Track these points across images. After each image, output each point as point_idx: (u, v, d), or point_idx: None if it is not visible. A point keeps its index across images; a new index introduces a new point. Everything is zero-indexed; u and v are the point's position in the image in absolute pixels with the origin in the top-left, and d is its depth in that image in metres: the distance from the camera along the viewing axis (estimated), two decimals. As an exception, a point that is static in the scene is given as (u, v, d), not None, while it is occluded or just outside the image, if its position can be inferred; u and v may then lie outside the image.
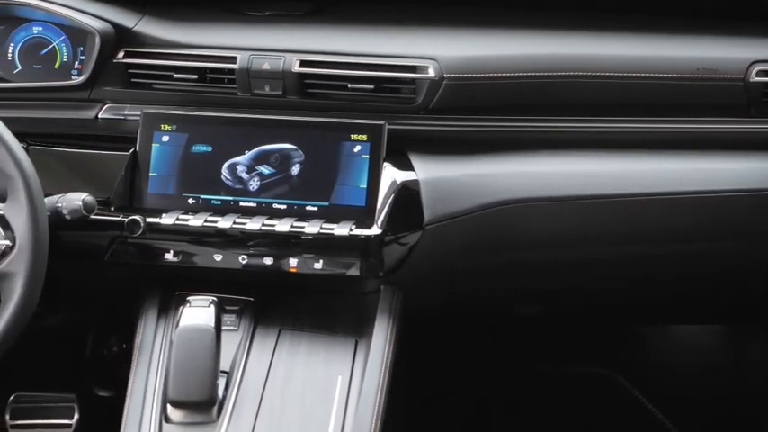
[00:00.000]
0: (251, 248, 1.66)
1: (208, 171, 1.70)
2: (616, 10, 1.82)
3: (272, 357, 1.57)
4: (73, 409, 2.21)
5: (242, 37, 1.77)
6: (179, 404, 1.46)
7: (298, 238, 1.64)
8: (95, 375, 2.33)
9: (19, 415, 2.19)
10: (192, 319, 1.48)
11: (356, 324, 1.65)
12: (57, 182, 1.67)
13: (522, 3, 1.84)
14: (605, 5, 1.83)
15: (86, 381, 2.31)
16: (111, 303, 1.86)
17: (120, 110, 1.78)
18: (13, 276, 1.45)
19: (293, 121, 1.70)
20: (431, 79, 1.67)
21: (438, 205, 1.64)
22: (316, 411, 1.48)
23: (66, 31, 1.82)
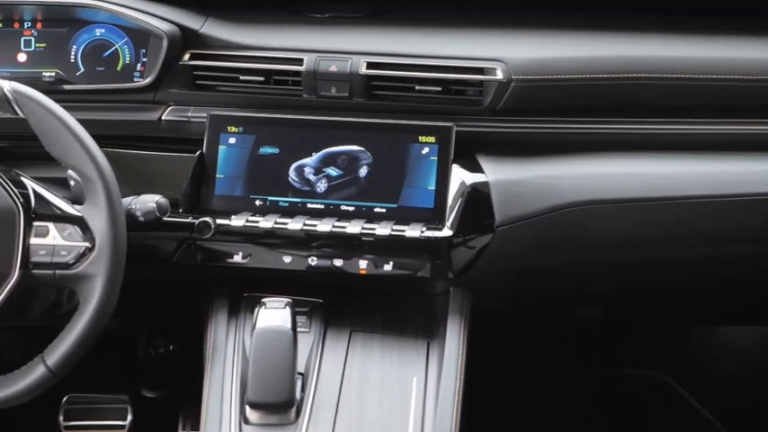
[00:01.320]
0: (320, 250, 1.67)
1: (275, 173, 1.70)
2: (682, 11, 1.82)
3: (345, 359, 1.57)
4: (126, 410, 2.22)
5: (307, 39, 1.77)
6: (258, 406, 1.46)
7: (368, 240, 1.64)
8: (143, 376, 2.34)
9: (73, 416, 2.20)
10: (269, 320, 1.49)
11: (426, 325, 1.65)
12: (121, 184, 1.67)
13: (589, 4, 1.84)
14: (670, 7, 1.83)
15: (134, 382, 2.31)
16: (176, 305, 1.86)
17: (184, 112, 1.79)
18: (92, 278, 1.45)
19: (361, 123, 1.70)
20: (499, 81, 1.67)
21: (509, 207, 1.64)
22: (394, 413, 1.48)
23: (129, 33, 1.82)
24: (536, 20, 1.80)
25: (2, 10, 1.81)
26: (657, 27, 1.77)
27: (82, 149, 1.46)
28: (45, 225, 1.47)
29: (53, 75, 1.83)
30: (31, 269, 1.46)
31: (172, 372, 2.35)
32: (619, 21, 1.80)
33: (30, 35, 1.83)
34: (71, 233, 1.46)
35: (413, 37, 1.78)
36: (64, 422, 2.20)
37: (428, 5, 1.97)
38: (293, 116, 1.72)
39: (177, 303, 1.86)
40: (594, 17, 1.81)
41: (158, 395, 2.32)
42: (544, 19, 1.80)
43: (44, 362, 1.46)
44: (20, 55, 1.83)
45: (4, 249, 1.45)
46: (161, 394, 2.32)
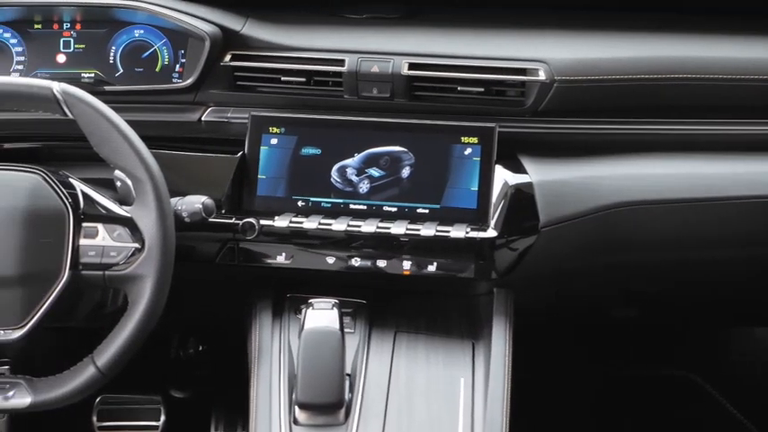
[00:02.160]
0: (363, 251, 1.67)
1: (317, 174, 1.70)
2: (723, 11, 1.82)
3: (391, 360, 1.58)
4: (159, 410, 2.22)
5: (348, 39, 1.77)
6: (308, 406, 1.46)
7: (411, 241, 1.64)
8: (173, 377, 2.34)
9: (106, 416, 2.21)
10: (317, 321, 1.49)
11: (470, 326, 1.65)
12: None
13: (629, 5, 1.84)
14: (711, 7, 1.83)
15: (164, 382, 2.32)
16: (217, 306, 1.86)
17: (224, 112, 1.79)
18: (142, 279, 1.45)
19: (403, 124, 1.70)
20: (541, 82, 1.67)
21: (553, 208, 1.64)
22: (443, 414, 1.48)
23: (168, 34, 1.82)
24: (577, 20, 1.80)
25: (41, 11, 1.82)
26: (698, 28, 1.77)
27: (131, 150, 1.46)
28: (94, 226, 1.47)
29: (92, 76, 1.83)
30: (80, 270, 1.46)
31: (201, 372, 2.35)
32: (660, 21, 1.80)
33: (69, 36, 1.84)
34: (120, 234, 1.47)
35: (453, 38, 1.78)
36: (97, 422, 2.20)
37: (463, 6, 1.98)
38: (335, 117, 1.72)
39: (218, 304, 1.86)
40: (635, 18, 1.81)
41: (187, 395, 2.32)
42: (585, 20, 1.80)
43: (94, 362, 1.46)
44: (59, 56, 1.84)
45: (54, 250, 1.45)
46: (190, 395, 2.32)
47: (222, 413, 2.26)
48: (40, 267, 1.45)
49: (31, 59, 1.83)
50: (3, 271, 1.44)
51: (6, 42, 1.83)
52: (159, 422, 2.21)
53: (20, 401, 1.46)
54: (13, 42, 1.83)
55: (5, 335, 1.45)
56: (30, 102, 1.47)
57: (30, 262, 1.44)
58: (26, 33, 1.83)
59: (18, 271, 1.44)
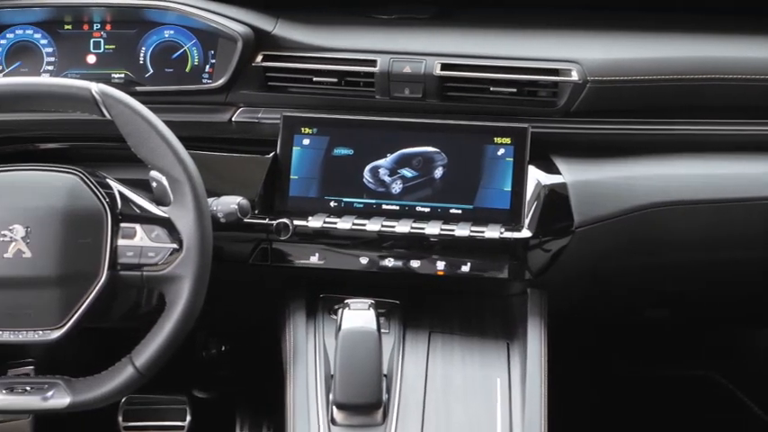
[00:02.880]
0: (396, 251, 1.67)
1: (350, 174, 1.70)
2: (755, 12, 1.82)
3: (426, 360, 1.58)
4: (185, 410, 2.22)
5: (379, 40, 1.77)
6: (346, 407, 1.46)
7: (444, 241, 1.64)
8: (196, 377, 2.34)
9: (131, 416, 2.20)
10: (354, 321, 1.49)
11: (504, 326, 1.65)
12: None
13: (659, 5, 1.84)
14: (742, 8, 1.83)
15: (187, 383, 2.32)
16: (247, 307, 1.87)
17: (255, 113, 1.79)
18: (180, 279, 1.45)
19: (436, 125, 1.70)
20: (574, 82, 1.67)
21: (588, 208, 1.64)
22: (480, 414, 1.48)
23: (198, 34, 1.82)
24: (608, 21, 1.80)
25: (71, 12, 1.82)
26: (731, 28, 1.77)
27: (170, 151, 1.46)
28: (132, 226, 1.47)
29: (122, 76, 1.84)
30: (118, 270, 1.46)
31: (224, 373, 2.35)
32: (691, 21, 1.80)
33: (99, 37, 1.84)
34: (158, 234, 1.46)
35: (484, 38, 1.78)
36: (123, 422, 2.20)
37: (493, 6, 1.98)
38: (368, 117, 1.72)
39: (248, 305, 1.86)
40: (667, 18, 1.81)
41: (210, 396, 2.32)
42: (616, 20, 1.80)
43: (132, 363, 1.46)
44: (89, 56, 1.84)
45: (93, 251, 1.45)
46: (212, 395, 2.32)
47: (247, 413, 2.26)
48: (78, 268, 1.45)
49: (61, 60, 1.84)
50: (42, 271, 1.44)
51: (37, 43, 1.83)
52: (185, 422, 2.21)
53: (59, 402, 1.46)
54: (44, 43, 1.83)
55: (44, 335, 1.45)
56: (67, 102, 1.47)
57: (68, 262, 1.44)
58: (56, 34, 1.83)
59: (57, 271, 1.44)
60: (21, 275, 1.43)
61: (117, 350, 1.62)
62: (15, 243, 1.43)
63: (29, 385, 1.47)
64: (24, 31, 1.83)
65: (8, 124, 1.74)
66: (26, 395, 1.46)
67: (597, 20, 1.81)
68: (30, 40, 1.83)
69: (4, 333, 1.45)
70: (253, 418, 2.25)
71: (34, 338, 1.45)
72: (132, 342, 1.65)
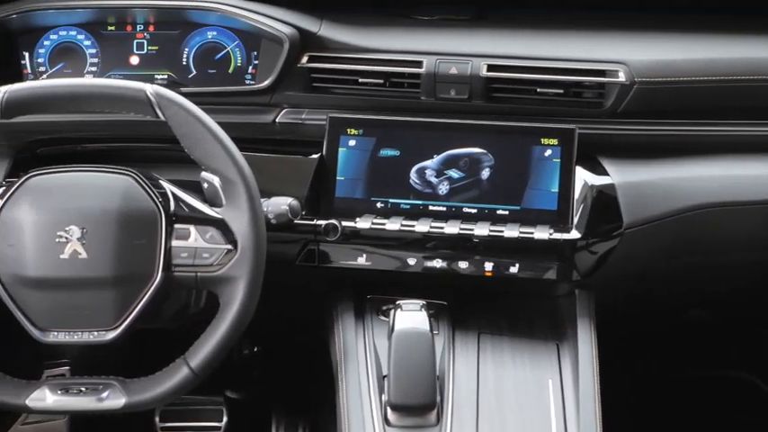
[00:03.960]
0: (444, 252, 1.67)
1: (396, 175, 1.71)
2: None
3: (477, 361, 1.57)
4: (221, 411, 2.23)
5: (423, 41, 1.77)
6: (401, 408, 1.46)
7: (492, 242, 1.64)
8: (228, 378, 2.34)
9: (168, 417, 2.21)
10: (407, 322, 1.49)
11: (553, 327, 1.65)
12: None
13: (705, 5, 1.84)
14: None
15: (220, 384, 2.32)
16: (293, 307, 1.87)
17: (299, 114, 1.79)
18: (234, 280, 1.45)
19: (483, 126, 1.70)
20: (621, 83, 1.67)
21: (636, 209, 1.64)
22: (534, 415, 1.48)
23: (241, 35, 1.83)
24: (653, 22, 1.80)
25: (115, 13, 1.83)
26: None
27: (224, 152, 1.46)
28: (186, 227, 1.47)
29: (165, 77, 1.84)
30: (173, 271, 1.46)
31: (256, 373, 2.36)
32: (739, 22, 1.80)
33: (142, 38, 1.84)
34: (213, 235, 1.46)
35: (528, 39, 1.79)
36: (160, 423, 2.21)
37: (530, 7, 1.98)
38: (414, 118, 1.72)
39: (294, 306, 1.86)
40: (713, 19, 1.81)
41: (241, 396, 2.32)
42: (662, 21, 1.80)
43: (187, 363, 1.46)
44: (132, 58, 1.84)
45: (147, 252, 1.45)
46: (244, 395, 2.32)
47: (283, 414, 2.26)
48: (133, 269, 1.45)
49: (104, 61, 1.84)
50: (98, 272, 1.44)
51: (80, 44, 1.83)
52: (221, 423, 2.21)
53: (114, 402, 1.46)
54: (87, 44, 1.84)
55: (99, 336, 1.45)
56: (122, 103, 1.47)
57: (123, 264, 1.44)
58: (99, 35, 1.84)
59: (112, 272, 1.44)
60: (77, 276, 1.44)
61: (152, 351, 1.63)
62: (71, 244, 1.43)
63: (83, 386, 1.48)
64: (68, 33, 1.84)
65: (54, 125, 1.75)
66: (81, 396, 1.46)
67: (642, 21, 1.81)
68: (73, 42, 1.84)
69: (59, 334, 1.46)
70: (288, 419, 2.25)
71: (89, 339, 1.46)
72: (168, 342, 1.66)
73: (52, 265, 1.43)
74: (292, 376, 2.30)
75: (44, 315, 1.45)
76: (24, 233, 1.44)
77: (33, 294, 1.44)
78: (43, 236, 1.43)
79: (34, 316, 1.45)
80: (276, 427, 2.23)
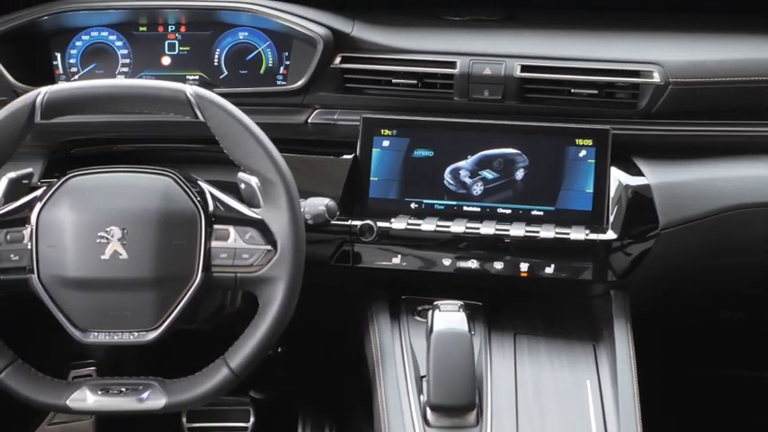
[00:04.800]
0: (478, 252, 1.67)
1: (430, 176, 1.71)
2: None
3: (514, 362, 1.57)
4: (248, 411, 2.23)
5: (456, 42, 1.77)
6: (440, 408, 1.46)
7: (526, 243, 1.64)
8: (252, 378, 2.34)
9: (195, 418, 2.20)
10: (446, 323, 1.49)
11: (588, 328, 1.65)
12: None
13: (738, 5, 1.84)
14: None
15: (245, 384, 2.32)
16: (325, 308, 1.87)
17: (331, 114, 1.79)
18: (274, 281, 1.45)
19: (517, 126, 1.70)
20: (656, 84, 1.67)
21: (672, 210, 1.64)
22: (574, 416, 1.48)
23: (272, 36, 1.83)
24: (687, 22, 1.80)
25: (146, 14, 1.83)
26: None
27: (264, 153, 1.46)
28: (225, 228, 1.47)
29: (197, 78, 1.84)
30: (212, 272, 1.46)
31: (280, 373, 2.36)
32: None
33: (174, 39, 1.85)
34: (252, 236, 1.46)
35: (561, 39, 1.79)
36: (187, 423, 2.20)
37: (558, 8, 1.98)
38: (448, 119, 1.72)
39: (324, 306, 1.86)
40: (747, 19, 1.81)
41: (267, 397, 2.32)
42: (695, 21, 1.80)
43: (227, 364, 1.46)
44: (164, 58, 1.85)
45: (187, 252, 1.45)
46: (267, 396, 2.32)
47: (309, 414, 2.26)
48: (173, 270, 1.45)
49: (136, 62, 1.84)
50: (138, 273, 1.44)
51: (112, 45, 1.84)
52: (248, 423, 2.21)
53: (155, 403, 1.46)
54: (119, 45, 1.84)
55: (139, 337, 1.45)
56: (161, 104, 1.47)
57: (164, 264, 1.44)
58: (131, 36, 1.84)
59: (153, 273, 1.44)
60: (118, 277, 1.44)
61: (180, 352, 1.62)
62: (112, 244, 1.43)
63: (123, 386, 1.48)
64: (100, 33, 1.84)
65: (87, 126, 1.75)
66: (122, 396, 1.46)
67: (675, 21, 1.81)
68: (105, 42, 1.84)
69: (99, 334, 1.46)
70: (314, 419, 2.25)
71: (129, 340, 1.46)
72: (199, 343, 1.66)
73: (93, 266, 1.43)
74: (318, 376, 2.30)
75: (84, 316, 1.45)
76: (65, 234, 1.44)
77: (74, 295, 1.44)
78: (84, 236, 1.43)
79: (74, 317, 1.45)
80: (303, 427, 2.23)
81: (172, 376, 1.51)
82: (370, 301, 1.70)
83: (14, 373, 1.46)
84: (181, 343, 1.76)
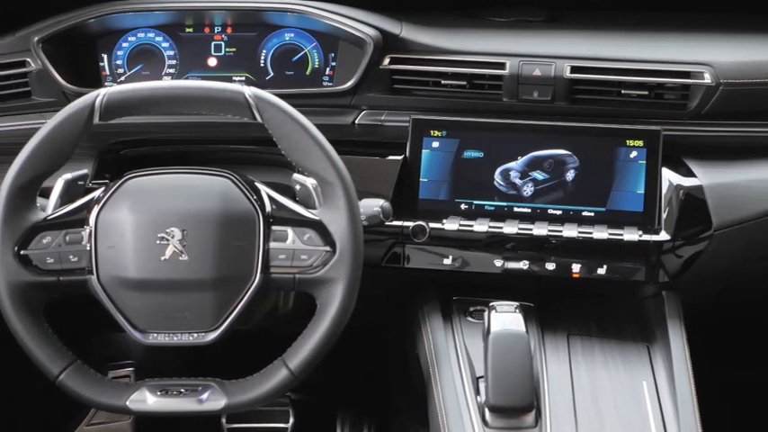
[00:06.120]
0: (529, 253, 1.67)
1: (480, 177, 1.71)
2: None
3: (569, 363, 1.57)
4: (288, 412, 2.23)
5: (503, 43, 1.77)
6: (500, 409, 1.46)
7: (579, 244, 1.64)
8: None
9: (235, 418, 2.21)
10: (504, 324, 1.49)
11: (641, 329, 1.65)
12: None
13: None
14: None
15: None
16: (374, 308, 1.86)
17: (378, 116, 1.79)
18: (333, 282, 1.45)
19: (567, 127, 1.70)
20: (707, 85, 1.67)
21: (726, 211, 1.64)
22: (633, 418, 1.47)
23: (318, 37, 1.83)
24: (735, 23, 1.80)
25: (193, 15, 1.83)
26: None
27: (322, 154, 1.46)
28: (283, 229, 1.47)
29: (243, 79, 1.84)
30: (271, 273, 1.46)
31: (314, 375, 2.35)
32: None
33: (220, 40, 1.85)
34: (310, 237, 1.46)
35: (609, 40, 1.78)
36: (227, 424, 2.21)
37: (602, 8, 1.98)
38: (498, 120, 1.72)
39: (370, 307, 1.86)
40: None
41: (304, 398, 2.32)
42: (744, 22, 1.80)
43: (286, 365, 1.46)
44: (210, 59, 1.85)
45: (246, 254, 1.45)
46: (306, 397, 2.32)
47: (347, 415, 2.26)
48: (232, 271, 1.45)
49: (182, 63, 1.84)
50: (198, 274, 1.43)
51: (158, 46, 1.84)
52: (288, 424, 2.21)
53: (215, 404, 1.46)
54: (165, 46, 1.84)
55: (199, 338, 1.45)
56: (220, 105, 1.47)
57: (223, 265, 1.44)
58: (178, 37, 1.84)
59: (212, 274, 1.44)
60: (178, 278, 1.43)
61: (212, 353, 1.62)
62: (172, 246, 1.43)
63: (183, 387, 1.48)
64: (146, 35, 1.84)
65: (138, 126, 1.75)
66: (182, 397, 1.46)
67: (725, 22, 1.81)
68: (151, 44, 1.84)
69: (159, 335, 1.46)
70: (353, 419, 2.25)
71: (189, 341, 1.46)
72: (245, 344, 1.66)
73: (153, 267, 1.43)
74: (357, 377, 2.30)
75: (144, 317, 1.45)
76: (125, 235, 1.44)
77: (133, 296, 1.44)
78: (144, 237, 1.43)
79: (134, 318, 1.45)
80: (341, 428, 2.23)
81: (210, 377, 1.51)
82: (421, 303, 1.70)
83: (74, 374, 1.46)
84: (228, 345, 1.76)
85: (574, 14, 1.94)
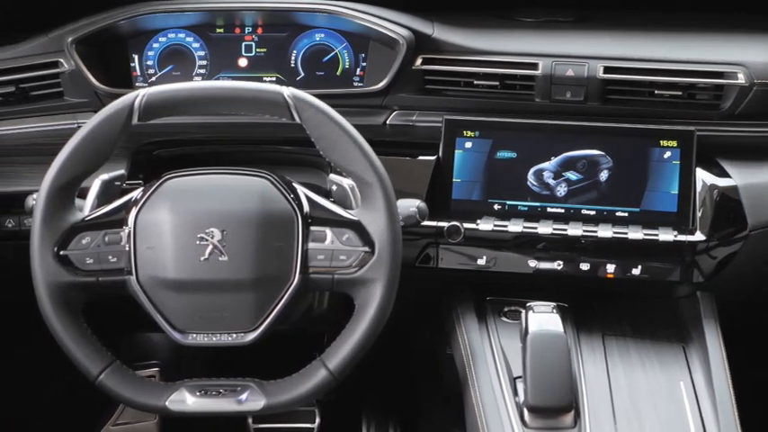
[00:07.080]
0: (563, 254, 1.67)
1: (513, 177, 1.71)
2: None
3: (606, 363, 1.57)
4: (314, 413, 2.23)
5: (535, 43, 1.77)
6: (539, 410, 1.46)
7: (613, 244, 1.64)
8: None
9: (262, 418, 2.21)
10: (542, 324, 1.49)
11: (676, 329, 1.65)
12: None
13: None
14: None
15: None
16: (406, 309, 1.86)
17: (409, 116, 1.80)
18: (372, 282, 1.45)
19: (600, 128, 1.70)
20: (741, 85, 1.67)
21: (760, 211, 1.64)
22: (672, 419, 1.47)
23: (348, 37, 1.83)
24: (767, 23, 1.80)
25: (224, 16, 1.83)
26: None
27: (361, 154, 1.46)
28: (322, 230, 1.47)
29: (273, 79, 1.85)
30: (309, 273, 1.46)
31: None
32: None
33: (250, 40, 1.85)
34: (349, 238, 1.46)
35: (640, 40, 1.78)
36: (253, 424, 2.21)
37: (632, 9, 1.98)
38: (531, 120, 1.72)
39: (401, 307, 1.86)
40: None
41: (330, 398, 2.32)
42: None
43: (324, 365, 1.46)
44: (241, 60, 1.85)
45: (285, 254, 1.44)
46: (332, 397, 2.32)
47: (373, 415, 2.26)
48: (272, 271, 1.44)
49: (213, 63, 1.85)
50: (238, 275, 1.43)
51: (189, 46, 1.84)
52: (314, 424, 2.21)
53: (254, 404, 1.46)
54: (196, 47, 1.84)
55: (238, 338, 1.45)
56: (259, 106, 1.47)
57: (263, 266, 1.44)
58: (208, 38, 1.84)
59: (252, 275, 1.43)
60: (217, 279, 1.43)
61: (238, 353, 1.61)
62: (212, 246, 1.43)
63: (222, 388, 1.47)
64: (177, 35, 1.84)
65: (172, 127, 1.75)
66: (221, 397, 1.46)
67: (756, 22, 1.81)
68: (182, 44, 1.84)
69: (198, 336, 1.46)
70: (378, 419, 2.25)
71: (228, 341, 1.45)
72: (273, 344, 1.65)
73: (193, 268, 1.43)
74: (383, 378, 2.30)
75: (184, 317, 1.45)
76: (164, 235, 1.44)
77: (173, 296, 1.44)
78: (183, 238, 1.43)
79: (173, 318, 1.45)
80: (367, 428, 2.23)
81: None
82: (454, 303, 1.70)
83: (113, 374, 1.46)
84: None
85: (602, 14, 1.94)
